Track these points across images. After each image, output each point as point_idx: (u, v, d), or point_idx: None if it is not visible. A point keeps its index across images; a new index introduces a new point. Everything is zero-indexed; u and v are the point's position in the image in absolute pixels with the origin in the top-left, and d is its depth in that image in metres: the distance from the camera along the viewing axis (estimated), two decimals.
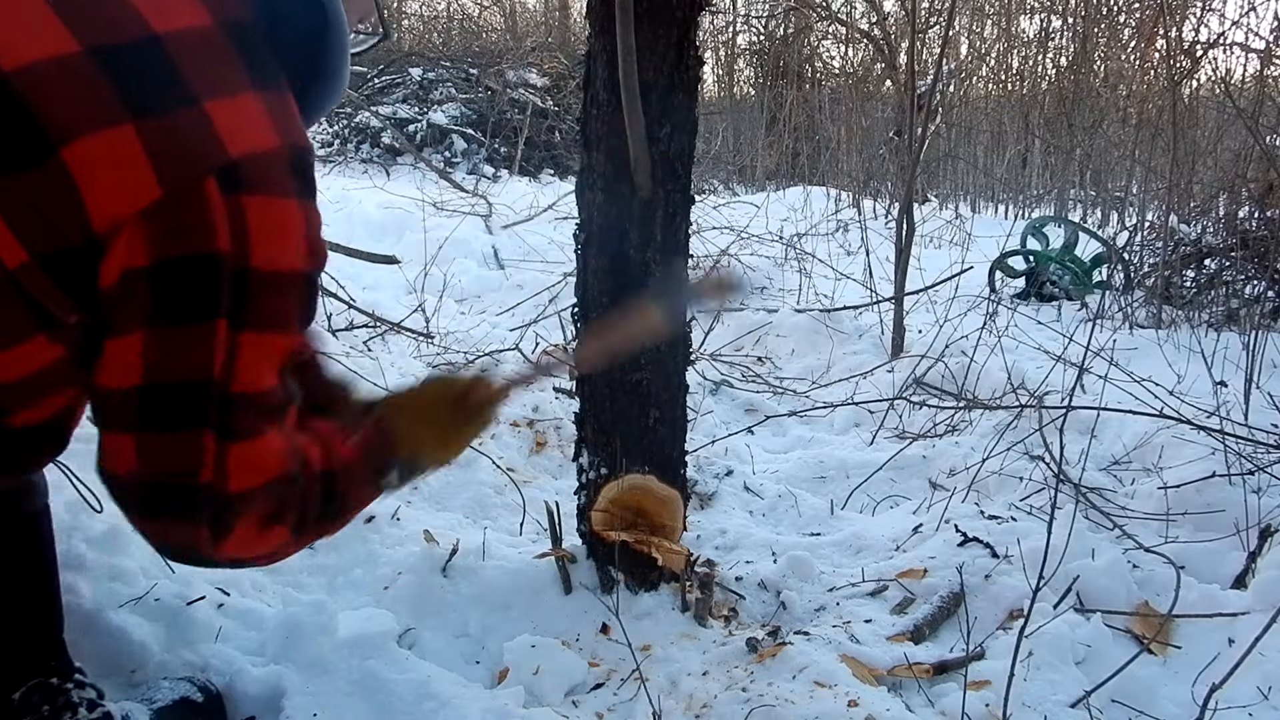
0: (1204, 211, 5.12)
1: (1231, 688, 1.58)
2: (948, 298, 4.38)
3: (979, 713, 1.65)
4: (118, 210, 0.85)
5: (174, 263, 0.87)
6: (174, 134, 0.87)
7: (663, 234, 1.82)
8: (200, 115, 0.88)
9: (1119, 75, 9.43)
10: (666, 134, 1.77)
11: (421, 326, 3.92)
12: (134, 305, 0.88)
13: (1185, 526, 2.32)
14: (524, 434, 2.93)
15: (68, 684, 1.35)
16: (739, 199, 7.94)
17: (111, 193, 0.85)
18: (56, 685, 1.34)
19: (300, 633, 1.65)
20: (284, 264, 0.93)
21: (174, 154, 0.86)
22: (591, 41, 1.79)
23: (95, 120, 0.85)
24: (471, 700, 1.55)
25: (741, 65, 12.95)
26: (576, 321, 1.94)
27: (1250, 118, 4.57)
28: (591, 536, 1.96)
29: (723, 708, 1.63)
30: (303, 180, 0.95)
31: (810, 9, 10.91)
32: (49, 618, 1.37)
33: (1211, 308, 4.40)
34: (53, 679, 1.34)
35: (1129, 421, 2.75)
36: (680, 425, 1.98)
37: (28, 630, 1.35)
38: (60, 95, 0.84)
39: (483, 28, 12.73)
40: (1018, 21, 10.71)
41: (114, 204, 0.85)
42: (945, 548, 2.21)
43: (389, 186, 6.77)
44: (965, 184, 10.25)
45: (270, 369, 0.96)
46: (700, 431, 3.11)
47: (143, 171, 0.85)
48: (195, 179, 0.86)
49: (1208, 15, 10.31)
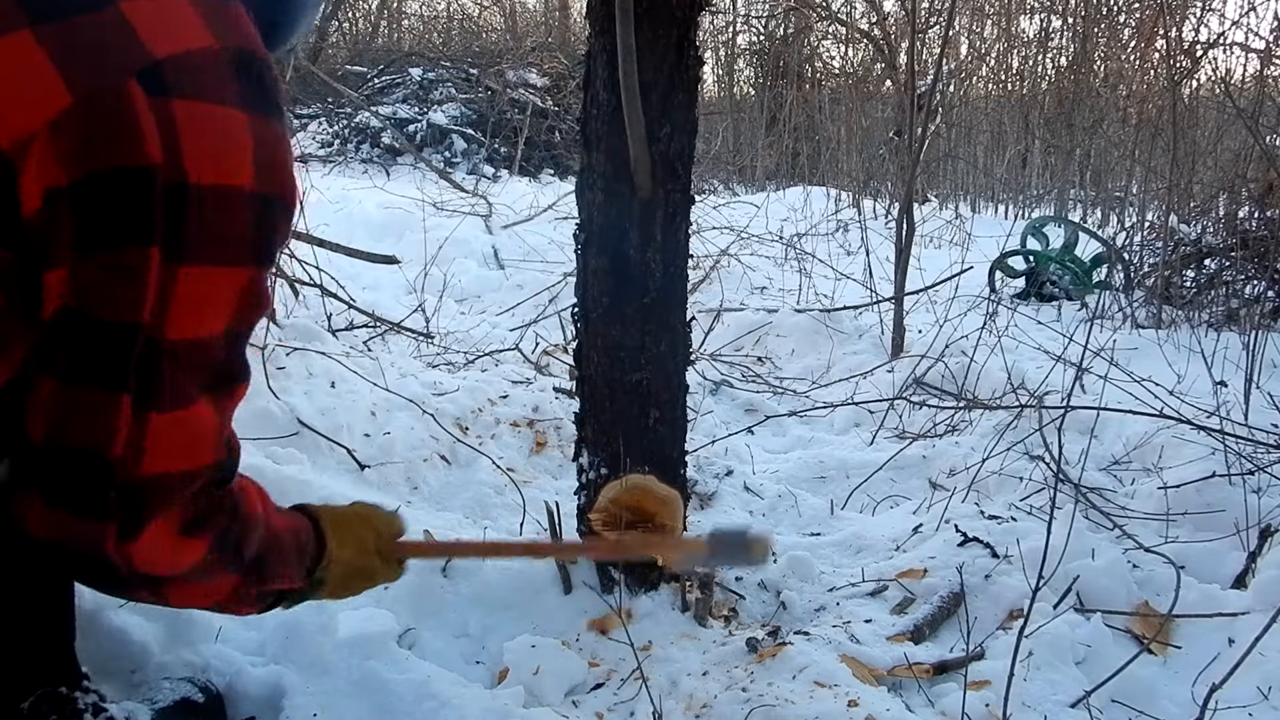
0: (1204, 211, 5.12)
1: (1231, 688, 1.58)
2: (948, 298, 4.38)
3: (979, 713, 1.65)
4: (23, 123, 0.77)
5: (97, 178, 0.78)
6: (82, 36, 0.79)
7: (663, 234, 1.82)
8: (115, 15, 0.80)
9: (1119, 75, 9.43)
10: (666, 134, 1.77)
11: (421, 326, 3.92)
12: (61, 232, 0.79)
13: (1185, 526, 2.32)
14: (524, 434, 2.93)
15: (75, 692, 1.35)
16: (739, 199, 7.95)
17: (12, 105, 0.77)
18: (65, 694, 1.34)
19: (300, 633, 1.65)
20: (227, 178, 0.82)
21: (83, 57, 0.78)
22: (591, 41, 1.79)
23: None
24: (471, 700, 1.55)
25: (741, 65, 12.96)
26: (576, 321, 1.94)
27: (1250, 118, 4.57)
28: (592, 536, 1.96)
29: (723, 708, 1.63)
30: (253, 89, 0.84)
31: (810, 9, 10.91)
32: (62, 627, 1.36)
33: (1211, 308, 4.40)
34: (61, 688, 1.34)
35: (1129, 421, 2.75)
36: (680, 425, 1.98)
37: (41, 639, 1.33)
38: None
39: (483, 28, 12.74)
40: (1018, 21, 10.72)
41: (17, 117, 0.77)
42: (945, 548, 2.21)
43: (389, 186, 6.77)
44: (965, 184, 10.25)
45: (214, 314, 0.85)
46: (700, 431, 3.11)
47: (46, 79, 0.77)
48: (113, 83, 0.78)
49: (1208, 15, 10.32)
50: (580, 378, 1.96)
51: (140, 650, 1.57)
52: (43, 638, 1.34)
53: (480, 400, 2.98)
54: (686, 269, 1.91)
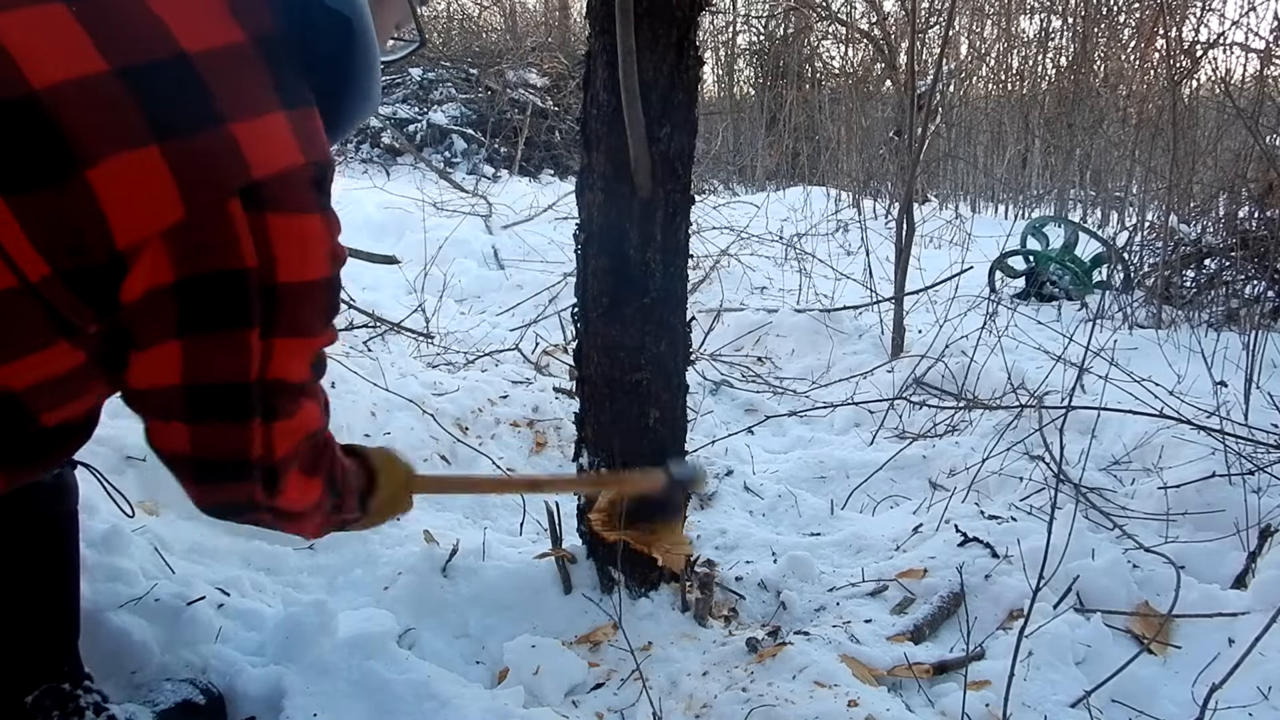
0: (1204, 211, 5.12)
1: (1231, 688, 1.57)
2: (948, 298, 4.38)
3: (979, 713, 1.65)
4: (141, 230, 0.87)
5: (199, 280, 0.90)
6: (199, 155, 0.88)
7: (663, 234, 1.82)
8: (227, 136, 0.89)
9: (1119, 75, 9.43)
10: (666, 134, 1.77)
11: (421, 326, 3.92)
12: (161, 319, 0.90)
13: (1185, 526, 2.32)
14: (524, 434, 2.93)
15: (78, 689, 1.35)
16: (739, 199, 7.95)
17: (135, 213, 0.86)
18: (68, 691, 1.34)
19: (300, 633, 1.65)
20: (309, 274, 0.96)
21: (198, 175, 0.87)
22: (591, 41, 1.79)
23: (120, 141, 0.85)
24: (471, 700, 1.55)
25: (741, 65, 12.95)
26: (576, 321, 1.94)
27: (1250, 118, 4.57)
28: (591, 536, 1.96)
29: (723, 708, 1.63)
30: (323, 193, 0.98)
31: (810, 9, 10.91)
32: (67, 623, 1.37)
33: (1211, 308, 4.40)
34: (64, 684, 1.34)
35: (1129, 421, 2.75)
36: (680, 425, 1.98)
37: (45, 635, 1.34)
38: (87, 115, 0.85)
39: (483, 28, 12.74)
40: (1018, 21, 10.72)
41: (137, 224, 0.87)
42: (945, 548, 2.21)
43: (389, 186, 6.77)
44: (965, 184, 10.25)
45: (302, 364, 1.02)
46: (700, 431, 3.11)
47: (167, 192, 0.86)
48: (219, 199, 0.88)
49: (1208, 15, 10.32)
50: (580, 378, 1.96)
51: (141, 650, 1.57)
52: (47, 634, 1.35)
53: (480, 400, 2.98)
54: (686, 269, 1.91)
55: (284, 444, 1.03)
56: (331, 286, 1.02)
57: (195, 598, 1.71)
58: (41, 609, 1.34)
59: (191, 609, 1.68)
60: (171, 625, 1.65)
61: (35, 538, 1.30)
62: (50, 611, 1.35)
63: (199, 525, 2.03)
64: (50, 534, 1.32)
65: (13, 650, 1.32)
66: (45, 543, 1.31)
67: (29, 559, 1.30)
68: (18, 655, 1.32)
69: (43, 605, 1.34)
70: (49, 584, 1.34)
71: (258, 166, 0.90)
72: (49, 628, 1.35)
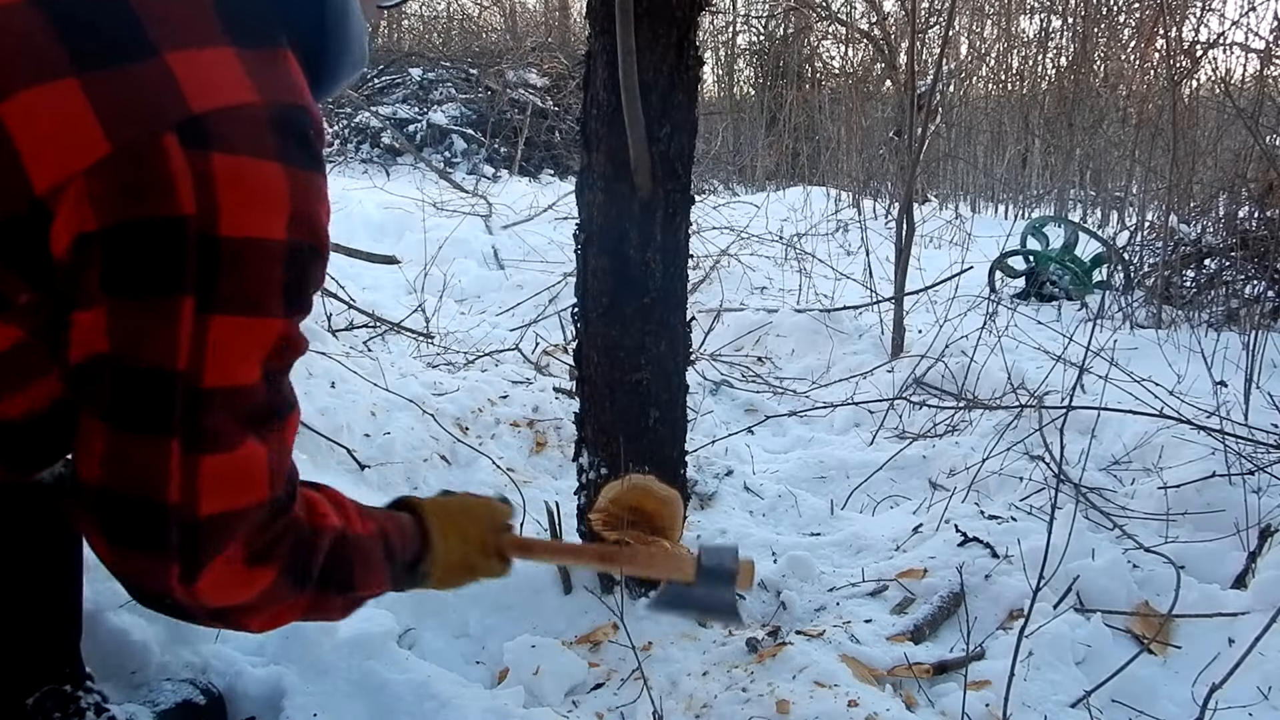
0: (1204, 211, 5.12)
1: (1231, 688, 1.58)
2: (948, 298, 4.38)
3: (979, 713, 1.65)
4: (60, 170, 0.78)
5: (129, 227, 0.78)
6: (125, 87, 0.79)
7: (663, 234, 1.82)
8: (159, 66, 0.80)
9: (1119, 75, 9.44)
10: (666, 134, 1.77)
11: (421, 326, 3.92)
12: (90, 275, 0.79)
13: (1185, 526, 2.32)
14: (524, 434, 2.93)
15: (79, 691, 1.35)
16: (739, 199, 7.95)
17: (52, 151, 0.78)
18: (69, 692, 1.33)
19: (300, 633, 1.65)
20: (258, 230, 0.82)
21: (124, 108, 0.78)
22: (591, 41, 1.79)
23: (34, 74, 0.78)
24: (471, 700, 1.55)
25: (741, 65, 12.96)
26: (576, 321, 1.94)
27: (1250, 118, 4.57)
28: (592, 536, 1.95)
29: (723, 708, 1.63)
30: (292, 143, 0.84)
31: (810, 9, 10.91)
32: (68, 625, 1.35)
33: (1211, 308, 4.40)
34: (66, 686, 1.34)
35: (1129, 421, 2.75)
36: (680, 425, 1.98)
37: (49, 637, 1.33)
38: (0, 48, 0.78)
39: (483, 28, 12.75)
40: (1017, 21, 10.72)
41: (56, 164, 0.78)
42: (945, 548, 2.21)
43: (389, 186, 6.77)
44: (965, 184, 10.25)
45: (249, 362, 0.85)
46: (700, 431, 3.11)
47: (88, 128, 0.78)
48: (151, 135, 0.78)
49: (1208, 15, 10.32)
50: (580, 378, 1.96)
51: (141, 650, 1.57)
52: (49, 635, 1.34)
53: (480, 400, 2.98)
54: (686, 269, 1.91)
55: (213, 495, 0.83)
56: (291, 258, 0.84)
57: None
58: (46, 610, 1.32)
59: None
60: (171, 625, 1.65)
61: (40, 538, 1.27)
62: (54, 612, 1.33)
63: None
64: (55, 534, 1.29)
65: (16, 651, 1.31)
66: (50, 543, 1.29)
67: (34, 559, 1.28)
68: (21, 656, 1.31)
69: (47, 606, 1.32)
70: (54, 585, 1.32)
71: (196, 99, 0.79)
72: (53, 629, 1.33)
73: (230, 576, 0.87)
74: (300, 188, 0.84)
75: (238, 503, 0.85)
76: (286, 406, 0.91)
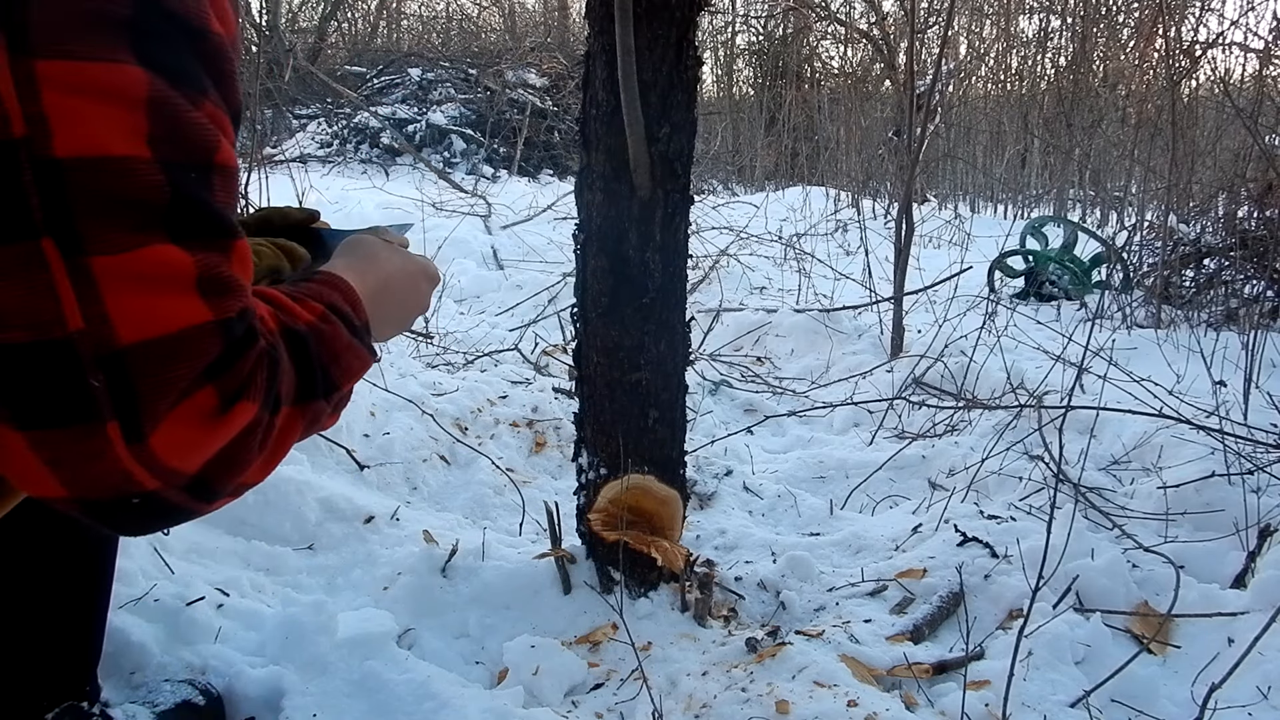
0: (1203, 211, 5.12)
1: (1231, 687, 1.58)
2: (947, 298, 4.38)
3: (978, 712, 1.65)
4: None
5: None
6: None
7: (662, 234, 1.82)
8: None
9: (1118, 75, 9.44)
10: (666, 134, 1.77)
11: (421, 326, 3.91)
12: None
13: (1185, 526, 2.32)
14: (523, 434, 2.93)
15: (94, 708, 1.34)
16: (738, 199, 7.96)
17: None
18: (86, 710, 1.33)
19: (300, 633, 1.65)
20: (105, 146, 0.63)
21: None
22: (591, 41, 1.79)
23: None
24: (471, 700, 1.55)
25: (741, 65, 12.97)
26: (576, 321, 1.94)
27: (1250, 117, 4.57)
28: (591, 536, 1.96)
29: (722, 708, 1.63)
30: (152, 43, 0.65)
31: (810, 9, 10.91)
32: (95, 643, 1.34)
33: (1211, 307, 4.40)
34: (83, 703, 1.33)
35: (1128, 421, 2.75)
36: (680, 425, 1.98)
37: (74, 654, 1.31)
38: None
39: (482, 28, 12.75)
40: (1017, 21, 10.73)
41: None
42: (945, 548, 2.21)
43: (388, 187, 6.78)
44: (965, 184, 10.27)
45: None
46: (700, 431, 3.11)
47: None
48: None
49: (1207, 15, 10.33)
50: (580, 378, 1.96)
51: (140, 650, 1.57)
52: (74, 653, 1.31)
53: (479, 400, 2.98)
54: (686, 269, 1.91)
55: (128, 316, 0.63)
56: (161, 172, 0.64)
57: (194, 598, 1.71)
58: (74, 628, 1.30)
59: (191, 609, 1.68)
60: (171, 625, 1.65)
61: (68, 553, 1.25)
62: (82, 630, 1.31)
63: (198, 525, 2.02)
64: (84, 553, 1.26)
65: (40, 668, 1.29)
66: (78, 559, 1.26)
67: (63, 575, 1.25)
68: (44, 673, 1.29)
69: (76, 624, 1.30)
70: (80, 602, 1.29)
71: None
72: (77, 646, 1.31)
73: (195, 424, 0.68)
74: (159, 91, 0.66)
75: (169, 324, 0.65)
76: (217, 222, 0.69)
